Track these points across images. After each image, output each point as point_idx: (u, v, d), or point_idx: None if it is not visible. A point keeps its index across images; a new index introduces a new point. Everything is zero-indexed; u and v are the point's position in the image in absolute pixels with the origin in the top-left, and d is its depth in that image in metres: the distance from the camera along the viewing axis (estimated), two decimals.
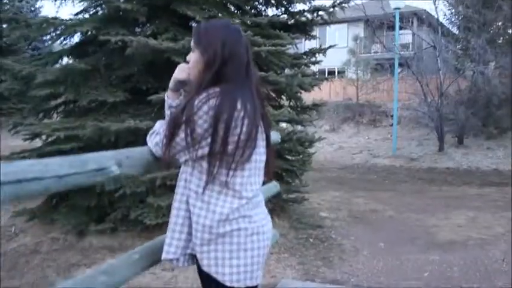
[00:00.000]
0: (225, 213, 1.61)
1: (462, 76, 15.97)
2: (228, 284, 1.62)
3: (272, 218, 5.77)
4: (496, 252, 5.24)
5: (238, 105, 1.59)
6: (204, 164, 1.63)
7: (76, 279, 1.43)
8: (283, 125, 6.29)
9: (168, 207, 5.04)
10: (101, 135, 4.97)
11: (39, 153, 5.64)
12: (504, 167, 13.02)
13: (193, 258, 1.74)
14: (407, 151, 15.59)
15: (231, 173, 1.61)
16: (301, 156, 6.71)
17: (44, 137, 5.80)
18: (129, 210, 5.25)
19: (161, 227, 5.40)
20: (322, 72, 24.16)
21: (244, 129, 1.59)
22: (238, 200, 1.64)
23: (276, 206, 6.50)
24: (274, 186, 3.34)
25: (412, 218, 7.11)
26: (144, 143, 1.77)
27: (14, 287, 4.49)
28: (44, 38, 6.33)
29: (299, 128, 6.50)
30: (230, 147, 1.58)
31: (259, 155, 1.72)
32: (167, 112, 1.85)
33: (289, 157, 6.55)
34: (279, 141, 3.40)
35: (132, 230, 5.41)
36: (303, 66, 6.11)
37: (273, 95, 6.18)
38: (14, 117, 5.58)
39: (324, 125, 19.30)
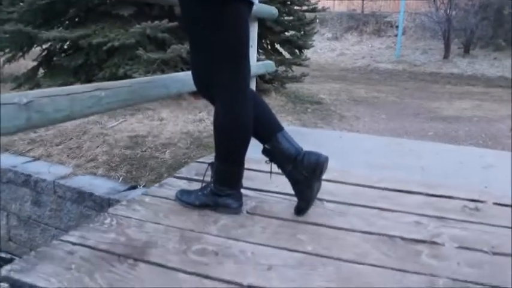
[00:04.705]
0: None
1: None
2: None
3: (269, 92, 5.41)
4: (503, 126, 5.02)
5: None
6: None
7: None
8: None
9: (159, 62, 4.74)
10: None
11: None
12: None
13: None
14: (411, 58, 15.08)
15: None
16: (302, 32, 6.27)
17: None
18: (118, 68, 4.92)
19: None
20: None
21: None
22: None
23: (273, 83, 6.19)
24: (270, 64, 3.07)
25: (415, 103, 6.84)
26: None
27: None
28: None
29: None
30: None
31: None
32: None
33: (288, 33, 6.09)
34: (275, 14, 3.01)
35: None
36: None
37: None
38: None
39: (327, 33, 18.64)
